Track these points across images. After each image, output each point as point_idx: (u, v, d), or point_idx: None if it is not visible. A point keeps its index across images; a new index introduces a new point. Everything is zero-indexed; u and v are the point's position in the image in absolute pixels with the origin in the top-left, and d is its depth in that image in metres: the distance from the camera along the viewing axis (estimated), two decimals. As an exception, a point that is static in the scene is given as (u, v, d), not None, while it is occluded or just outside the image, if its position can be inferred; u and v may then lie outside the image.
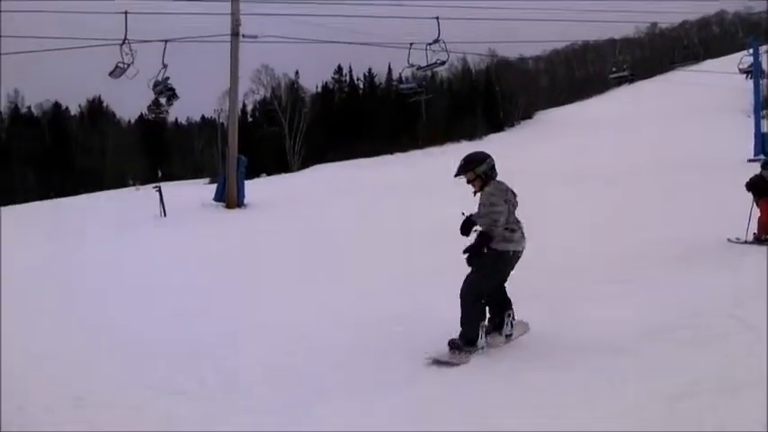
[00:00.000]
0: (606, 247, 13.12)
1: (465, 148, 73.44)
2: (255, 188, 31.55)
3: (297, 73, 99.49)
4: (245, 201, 28.22)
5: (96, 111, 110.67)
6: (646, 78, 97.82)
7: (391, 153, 74.96)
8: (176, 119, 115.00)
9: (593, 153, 36.91)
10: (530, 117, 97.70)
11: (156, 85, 29.17)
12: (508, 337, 7.85)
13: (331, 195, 27.15)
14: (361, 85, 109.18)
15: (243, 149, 30.15)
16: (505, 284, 7.92)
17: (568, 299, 9.74)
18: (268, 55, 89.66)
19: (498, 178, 7.81)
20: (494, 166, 7.74)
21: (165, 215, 26.07)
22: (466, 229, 7.76)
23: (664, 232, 14.08)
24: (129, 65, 28.81)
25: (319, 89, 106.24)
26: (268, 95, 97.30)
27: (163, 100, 31.11)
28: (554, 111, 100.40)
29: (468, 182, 7.76)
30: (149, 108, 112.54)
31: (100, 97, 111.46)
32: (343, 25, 37.80)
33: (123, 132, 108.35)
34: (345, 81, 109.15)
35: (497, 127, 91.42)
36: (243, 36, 29.36)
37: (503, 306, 7.85)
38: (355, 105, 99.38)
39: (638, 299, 9.45)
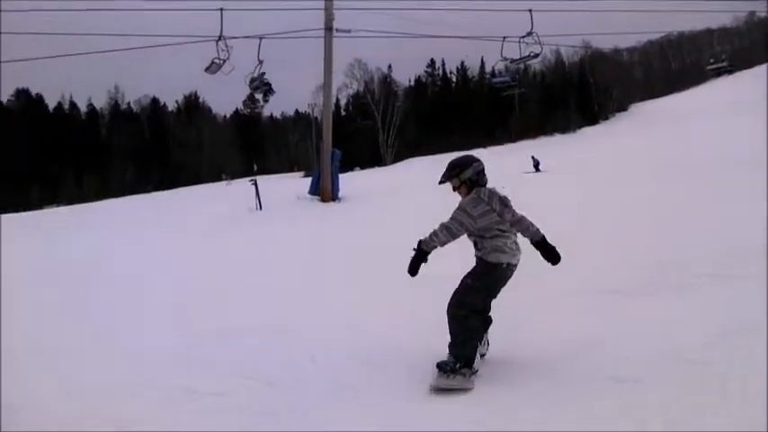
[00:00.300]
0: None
1: (558, 141, 73.08)
2: (349, 181, 31.71)
3: (390, 67, 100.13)
4: (340, 194, 28.37)
5: (193, 106, 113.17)
6: (745, 69, 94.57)
7: (484, 147, 74.57)
8: (271, 113, 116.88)
9: (691, 145, 35.83)
10: (624, 109, 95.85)
11: (252, 81, 29.52)
12: (483, 356, 6.87)
13: (423, 188, 26.99)
14: (454, 79, 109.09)
15: (337, 143, 30.37)
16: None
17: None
18: (361, 49, 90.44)
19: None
20: (482, 170, 6.80)
21: (260, 208, 26.41)
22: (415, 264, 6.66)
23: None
24: (224, 61, 29.25)
25: (412, 82, 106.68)
26: (361, 89, 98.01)
27: (259, 96, 31.30)
28: (650, 103, 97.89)
29: (454, 189, 6.88)
30: (244, 103, 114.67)
31: (196, 93, 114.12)
32: (435, 18, 37.84)
33: (219, 127, 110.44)
34: (438, 74, 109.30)
35: (591, 120, 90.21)
36: (336, 30, 29.54)
37: (486, 325, 6.94)
38: (448, 99, 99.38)
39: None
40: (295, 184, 39.24)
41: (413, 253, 6.60)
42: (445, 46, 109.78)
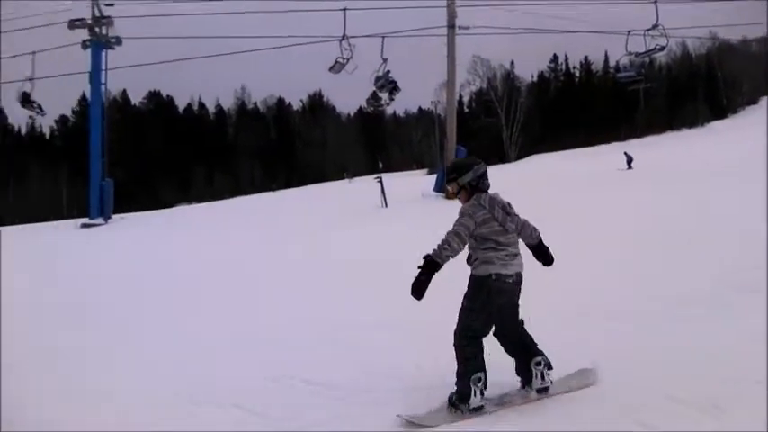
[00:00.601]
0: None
1: (685, 136, 70.89)
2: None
3: (512, 63, 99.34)
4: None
5: (317, 105, 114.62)
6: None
7: (608, 143, 73.24)
8: (394, 111, 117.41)
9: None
10: (755, 102, 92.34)
11: (377, 79, 29.99)
12: (542, 391, 6.02)
13: (548, 185, 26.76)
14: (577, 74, 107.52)
15: (460, 140, 30.47)
16: (522, 322, 6.21)
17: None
18: (482, 45, 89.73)
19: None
20: (483, 174, 6.17)
21: (386, 206, 26.71)
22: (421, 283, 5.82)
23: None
24: (348, 60, 29.91)
25: (535, 78, 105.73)
26: (484, 86, 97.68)
27: (385, 94, 31.71)
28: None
29: (454, 194, 6.35)
30: (368, 101, 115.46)
31: (320, 92, 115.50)
32: (557, 13, 37.44)
33: (343, 126, 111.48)
34: (561, 70, 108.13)
35: (720, 114, 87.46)
36: (458, 28, 29.67)
37: (524, 351, 6.10)
38: (571, 94, 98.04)
39: None
40: (419, 181, 39.40)
41: (418, 270, 5.78)
42: (568, 41, 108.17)
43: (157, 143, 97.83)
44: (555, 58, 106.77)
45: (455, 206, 6.16)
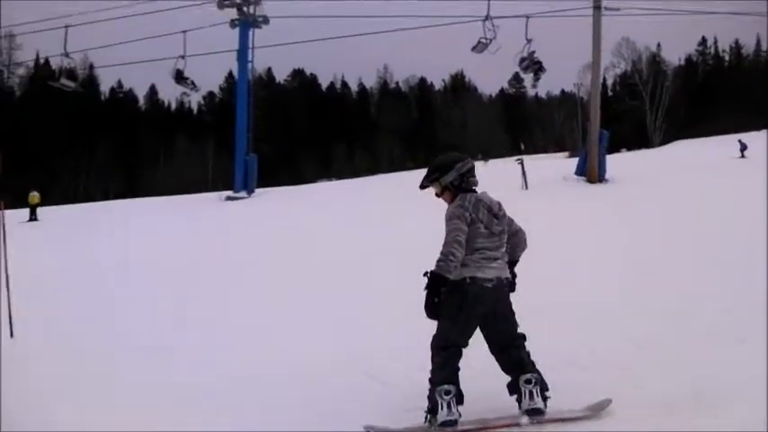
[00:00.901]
0: None
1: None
2: (616, 163, 31.00)
3: (658, 45, 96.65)
4: (606, 175, 27.86)
5: (459, 85, 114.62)
6: None
7: (757, 129, 70.18)
8: (536, 93, 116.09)
9: None
10: None
11: (521, 60, 29.65)
12: (534, 414, 5.34)
13: (693, 172, 25.89)
14: (727, 58, 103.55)
15: (603, 123, 29.81)
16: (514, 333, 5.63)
17: None
18: (628, 27, 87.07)
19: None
20: (468, 172, 5.69)
21: (526, 188, 26.47)
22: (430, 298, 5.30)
23: None
24: (491, 40, 29.63)
25: (682, 62, 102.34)
26: (629, 69, 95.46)
27: (529, 75, 31.25)
28: None
29: (437, 195, 5.83)
30: (510, 82, 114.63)
31: (462, 72, 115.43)
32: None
33: (484, 106, 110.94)
34: (710, 53, 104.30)
35: None
36: (605, 9, 28.93)
37: (516, 368, 5.50)
38: (720, 78, 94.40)
39: None
40: (560, 164, 38.82)
41: (425, 290, 5.29)
42: (717, 23, 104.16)
43: (300, 120, 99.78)
44: (703, 41, 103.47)
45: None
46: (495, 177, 33.26)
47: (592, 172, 27.32)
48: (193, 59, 35.08)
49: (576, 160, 30.94)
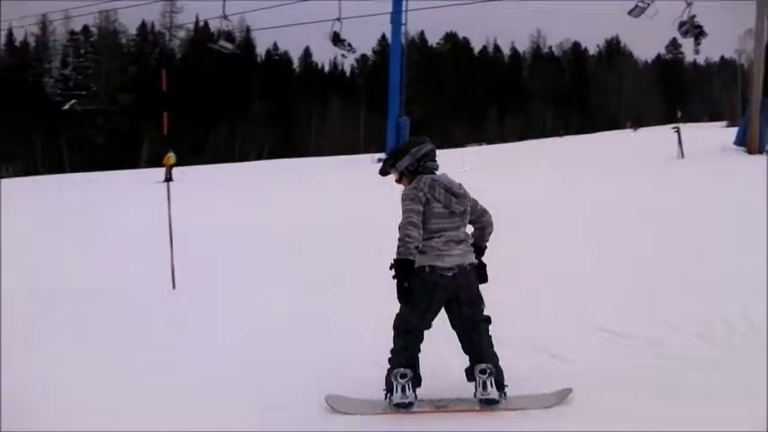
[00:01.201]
0: None
1: None
2: (778, 133, 29.75)
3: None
4: (766, 146, 26.89)
5: (614, 51, 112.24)
6: None
7: None
8: (694, 60, 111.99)
9: None
10: None
11: (681, 24, 28.80)
12: (486, 403, 5.24)
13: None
14: None
15: (765, 92, 28.72)
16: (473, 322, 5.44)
17: None
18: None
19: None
20: (425, 155, 5.47)
21: (682, 157, 25.86)
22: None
23: None
24: (649, 4, 28.85)
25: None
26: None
27: (689, 39, 30.23)
28: None
29: (397, 182, 5.60)
30: (667, 48, 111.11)
31: (618, 37, 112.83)
32: None
33: (640, 72, 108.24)
34: None
35: None
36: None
37: (472, 353, 5.42)
38: None
39: None
40: (717, 133, 37.53)
41: (393, 278, 5.20)
42: None
43: (452, 84, 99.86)
44: None
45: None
46: (644, 146, 32.83)
47: (752, 142, 26.43)
48: (348, 22, 35.50)
49: (734, 130, 30.02)
